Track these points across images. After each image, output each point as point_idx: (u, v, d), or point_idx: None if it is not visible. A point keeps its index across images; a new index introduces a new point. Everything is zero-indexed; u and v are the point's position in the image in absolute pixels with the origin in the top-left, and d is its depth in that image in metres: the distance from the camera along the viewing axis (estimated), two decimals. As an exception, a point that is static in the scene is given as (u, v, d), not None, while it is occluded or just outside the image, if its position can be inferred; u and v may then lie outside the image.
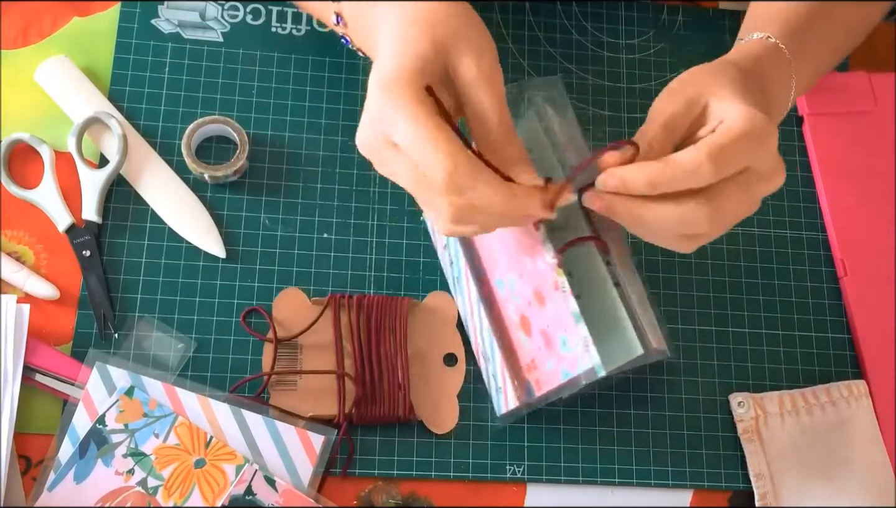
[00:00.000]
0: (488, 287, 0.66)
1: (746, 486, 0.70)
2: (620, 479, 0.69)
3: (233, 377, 0.67)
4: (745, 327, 0.74)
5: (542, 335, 0.61)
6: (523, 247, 0.61)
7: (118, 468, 0.62)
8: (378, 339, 0.68)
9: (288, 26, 0.78)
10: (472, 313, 0.68)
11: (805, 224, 0.78)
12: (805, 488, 0.70)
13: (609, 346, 0.58)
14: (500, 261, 0.64)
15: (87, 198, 0.69)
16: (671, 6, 0.83)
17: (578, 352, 0.58)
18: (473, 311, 0.68)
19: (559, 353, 0.60)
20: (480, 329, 0.67)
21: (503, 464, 0.68)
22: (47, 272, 0.68)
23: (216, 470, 0.63)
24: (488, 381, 0.68)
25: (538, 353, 0.62)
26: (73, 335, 0.67)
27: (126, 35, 0.75)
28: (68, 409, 0.64)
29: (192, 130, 0.71)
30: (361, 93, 0.76)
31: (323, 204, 0.73)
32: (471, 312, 0.68)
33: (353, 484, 0.67)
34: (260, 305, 0.69)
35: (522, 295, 0.63)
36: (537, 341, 0.62)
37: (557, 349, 0.60)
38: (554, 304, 0.60)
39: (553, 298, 0.60)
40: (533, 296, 0.62)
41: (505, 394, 0.66)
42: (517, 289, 0.63)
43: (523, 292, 0.62)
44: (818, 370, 0.74)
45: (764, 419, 0.71)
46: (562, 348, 0.60)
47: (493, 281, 0.66)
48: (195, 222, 0.70)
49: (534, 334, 0.62)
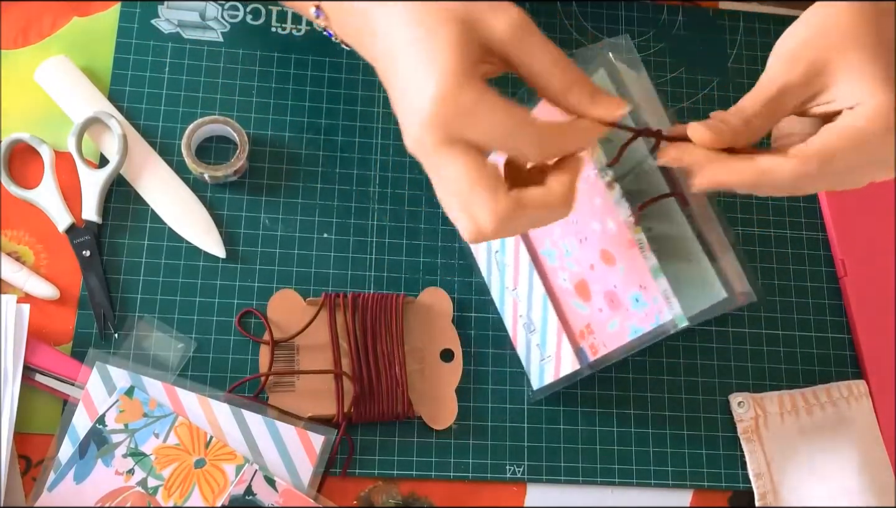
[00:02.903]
0: (537, 259, 0.66)
1: (746, 486, 0.70)
2: (620, 479, 0.69)
3: (232, 377, 0.67)
4: (745, 327, 0.74)
5: (607, 297, 0.61)
6: (589, 210, 0.61)
7: (118, 468, 0.62)
8: (374, 337, 0.68)
9: (288, 26, 0.78)
10: (517, 285, 0.68)
11: (805, 224, 0.78)
12: (805, 488, 0.70)
13: (691, 295, 0.56)
14: (553, 229, 0.64)
15: (87, 198, 0.69)
16: (671, 6, 0.83)
17: (656, 306, 0.57)
18: (520, 281, 0.67)
19: (629, 311, 0.59)
20: (529, 299, 0.67)
21: (503, 464, 0.68)
22: (47, 272, 0.68)
23: (216, 470, 0.63)
24: (528, 354, 0.68)
25: (597, 316, 0.62)
26: (73, 335, 0.67)
27: (126, 35, 0.75)
28: (68, 409, 0.64)
29: (192, 130, 0.71)
30: (361, 93, 0.76)
31: (323, 204, 0.73)
32: (514, 283, 0.68)
33: (353, 484, 0.67)
34: (256, 306, 0.69)
35: (583, 259, 0.62)
36: (598, 303, 0.62)
37: (627, 307, 0.60)
38: (627, 262, 0.59)
39: (626, 256, 0.59)
40: (599, 258, 0.61)
41: (557, 361, 0.65)
42: (575, 254, 0.62)
43: (585, 256, 0.62)
44: (818, 370, 0.74)
45: (764, 419, 0.71)
46: (633, 305, 0.59)
47: (541, 251, 0.66)
48: (195, 222, 0.70)
49: (594, 297, 0.62)
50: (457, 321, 0.71)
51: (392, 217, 0.73)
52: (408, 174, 0.74)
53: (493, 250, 0.70)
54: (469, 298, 0.72)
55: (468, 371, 0.70)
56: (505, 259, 0.69)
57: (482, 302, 0.72)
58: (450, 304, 0.71)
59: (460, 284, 0.72)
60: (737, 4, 0.84)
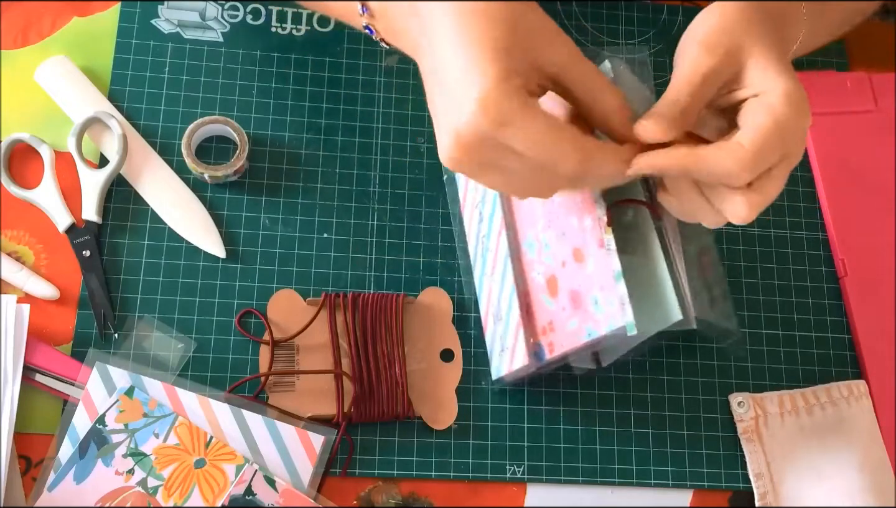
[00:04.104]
0: (517, 248, 0.66)
1: (746, 486, 0.70)
2: (620, 479, 0.69)
3: (232, 377, 0.67)
4: (745, 327, 0.74)
5: (570, 296, 0.61)
6: (571, 204, 0.61)
7: (118, 468, 0.62)
8: (374, 337, 0.68)
9: (288, 26, 0.78)
10: (494, 272, 0.68)
11: (805, 224, 0.78)
12: (805, 488, 0.70)
13: (647, 307, 0.57)
14: (538, 220, 0.64)
15: (87, 198, 0.69)
16: (671, 6, 0.83)
17: (611, 311, 0.57)
18: (497, 269, 0.67)
19: (588, 312, 0.59)
20: (501, 288, 0.67)
21: (503, 464, 0.68)
22: (47, 272, 0.68)
23: (216, 470, 0.63)
24: (492, 344, 0.68)
25: (560, 315, 0.62)
26: (73, 335, 0.67)
27: (126, 35, 0.75)
28: (68, 409, 0.64)
29: (192, 130, 0.71)
30: (361, 93, 0.77)
31: (323, 204, 0.73)
32: (492, 270, 0.68)
33: (353, 484, 0.67)
34: (256, 306, 0.69)
35: (558, 254, 0.62)
36: (562, 302, 0.62)
37: (587, 308, 0.59)
38: (595, 262, 0.59)
39: (595, 256, 0.59)
40: (571, 255, 0.61)
41: (512, 353, 0.65)
42: (553, 249, 0.63)
43: (560, 250, 0.62)
44: (818, 370, 0.74)
45: (764, 419, 0.71)
46: (592, 307, 0.59)
47: (524, 242, 0.66)
48: (195, 222, 0.70)
49: (560, 294, 0.62)
50: (457, 321, 0.71)
51: (392, 217, 0.73)
52: (408, 174, 0.74)
53: (481, 235, 0.69)
54: (469, 298, 0.71)
55: (468, 371, 0.70)
56: (489, 244, 0.69)
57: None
58: (450, 304, 0.71)
59: (460, 284, 0.72)
60: (737, 4, 0.84)
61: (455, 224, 0.73)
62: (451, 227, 0.74)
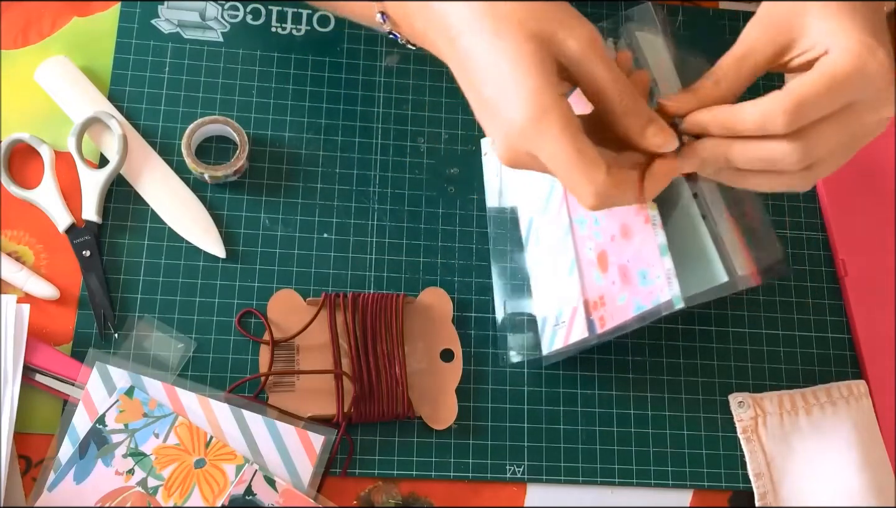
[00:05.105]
0: (571, 225, 0.67)
1: (746, 486, 0.70)
2: (620, 479, 0.69)
3: (232, 377, 0.67)
4: (745, 327, 0.74)
5: (620, 270, 0.62)
6: None
7: (118, 468, 0.62)
8: (374, 337, 0.68)
9: (288, 26, 0.78)
10: (551, 246, 0.68)
11: (805, 224, 0.78)
12: (805, 488, 0.70)
13: (692, 276, 0.58)
14: None
15: (87, 198, 0.69)
16: (671, 6, 0.83)
17: (658, 284, 0.58)
18: (555, 242, 0.68)
19: (636, 287, 0.60)
20: (557, 262, 0.67)
21: (503, 464, 0.68)
22: (47, 272, 0.68)
23: (216, 470, 0.63)
24: (544, 319, 0.68)
25: (610, 289, 0.62)
26: (73, 335, 0.67)
27: (126, 35, 0.75)
28: (68, 409, 0.64)
29: (192, 130, 0.71)
30: (361, 93, 0.76)
31: (323, 204, 0.73)
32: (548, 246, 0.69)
33: (353, 484, 0.67)
34: (256, 306, 0.69)
35: (607, 230, 0.63)
36: (612, 276, 0.62)
37: (635, 283, 0.60)
38: (641, 237, 0.60)
39: (641, 231, 0.60)
40: (619, 230, 0.62)
41: (570, 327, 0.66)
42: (602, 224, 0.63)
43: (609, 226, 0.63)
44: (818, 370, 0.74)
45: (764, 419, 0.71)
46: (640, 282, 0.60)
47: (575, 218, 0.66)
48: (195, 222, 0.70)
49: (610, 269, 0.63)
50: (457, 321, 0.71)
51: (392, 217, 0.73)
52: (408, 174, 0.74)
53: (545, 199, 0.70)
54: (469, 298, 0.72)
55: (468, 371, 0.70)
56: (549, 215, 0.69)
57: (482, 302, 0.72)
58: (450, 304, 0.71)
59: (460, 284, 0.72)
60: (737, 4, 0.84)
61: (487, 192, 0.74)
62: (451, 227, 0.74)
